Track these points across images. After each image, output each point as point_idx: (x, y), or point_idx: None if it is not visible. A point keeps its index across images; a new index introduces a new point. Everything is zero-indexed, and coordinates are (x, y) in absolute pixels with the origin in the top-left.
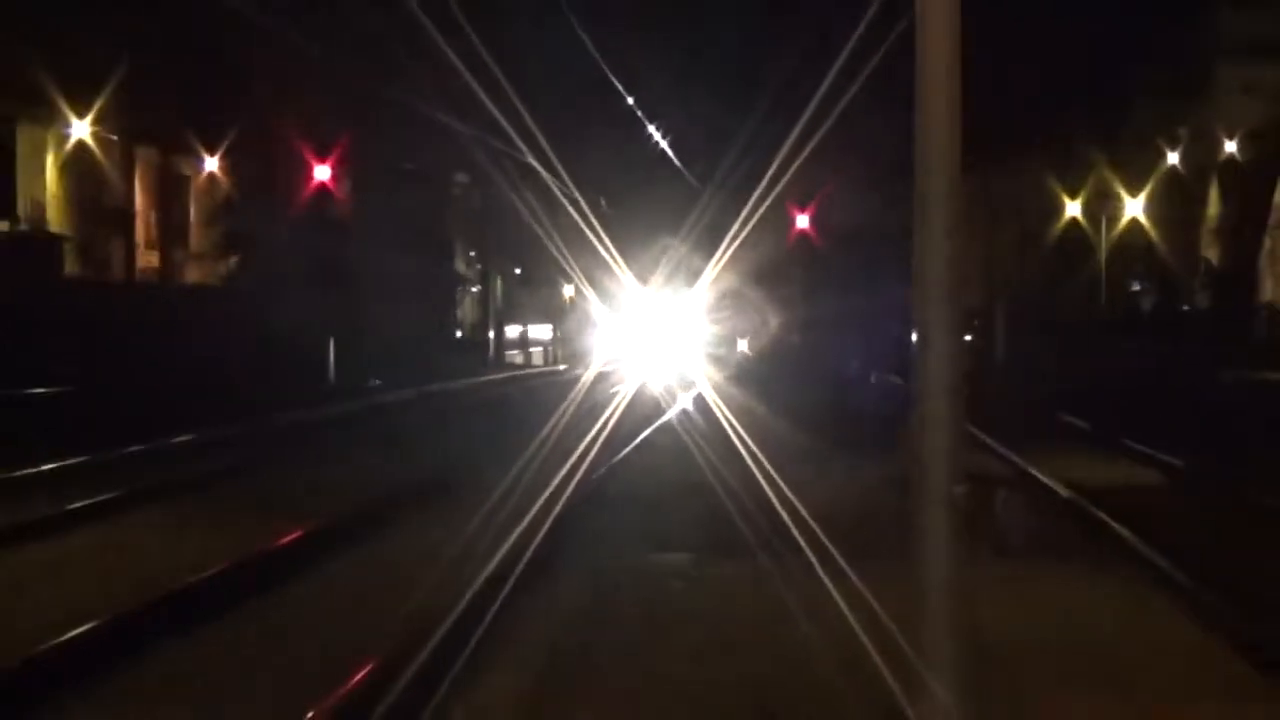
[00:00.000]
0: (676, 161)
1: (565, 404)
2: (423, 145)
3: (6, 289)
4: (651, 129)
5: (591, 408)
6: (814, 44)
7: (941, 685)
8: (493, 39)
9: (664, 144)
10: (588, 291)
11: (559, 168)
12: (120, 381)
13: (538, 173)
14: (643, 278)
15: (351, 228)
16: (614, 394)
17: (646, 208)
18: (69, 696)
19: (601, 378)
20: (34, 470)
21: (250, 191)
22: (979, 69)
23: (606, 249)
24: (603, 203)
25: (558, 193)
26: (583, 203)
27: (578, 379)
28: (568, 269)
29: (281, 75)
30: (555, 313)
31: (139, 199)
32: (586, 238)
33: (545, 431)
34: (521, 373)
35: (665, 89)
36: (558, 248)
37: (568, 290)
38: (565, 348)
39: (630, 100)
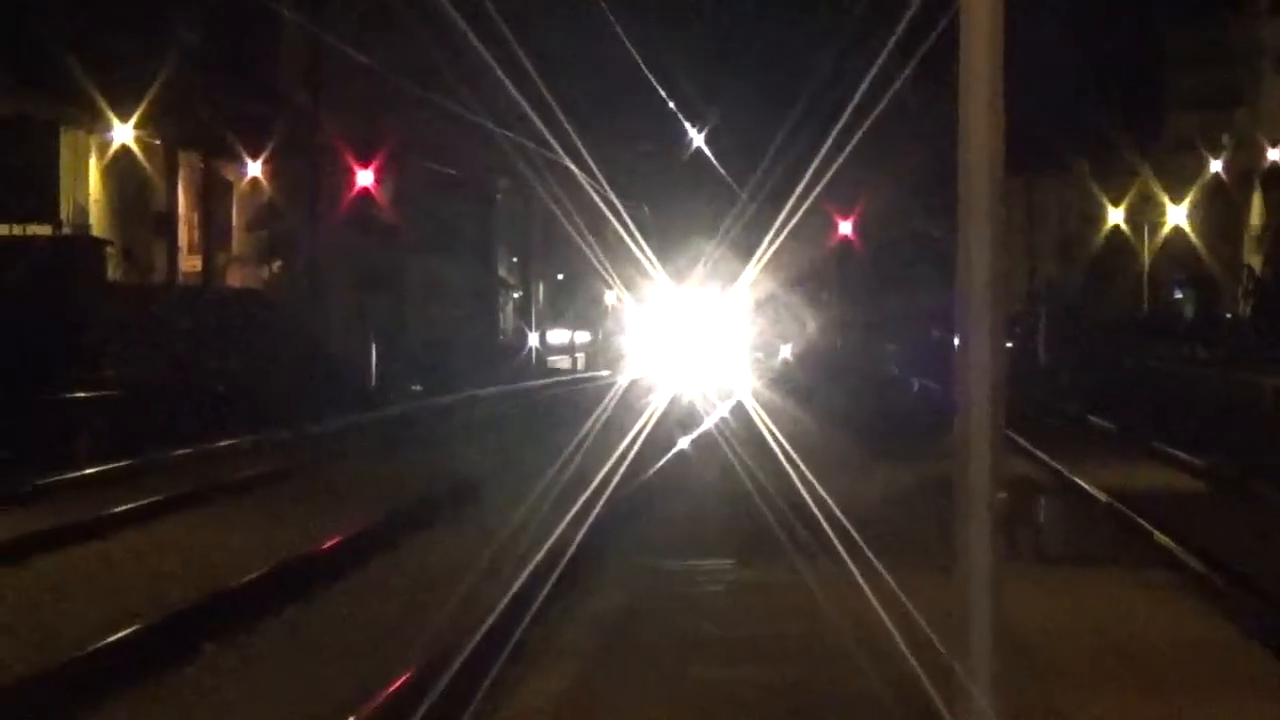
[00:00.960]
0: (715, 163)
1: (601, 412)
2: (465, 151)
3: (51, 292)
4: (691, 131)
5: (632, 420)
6: (855, 44)
7: (978, 682)
8: (533, 44)
9: (703, 145)
10: (628, 296)
11: (597, 172)
12: (163, 385)
13: (577, 178)
14: (683, 283)
15: (394, 233)
16: (654, 405)
17: (686, 211)
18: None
19: (643, 386)
20: (80, 474)
21: (293, 196)
22: (1022, 72)
23: (646, 254)
24: (646, 210)
25: (596, 198)
26: (620, 208)
27: (617, 386)
28: (607, 275)
29: (325, 81)
30: (597, 318)
31: (182, 203)
32: (626, 243)
33: (577, 449)
34: (563, 379)
35: (704, 89)
36: (597, 253)
37: (609, 296)
38: (606, 353)
39: (670, 103)
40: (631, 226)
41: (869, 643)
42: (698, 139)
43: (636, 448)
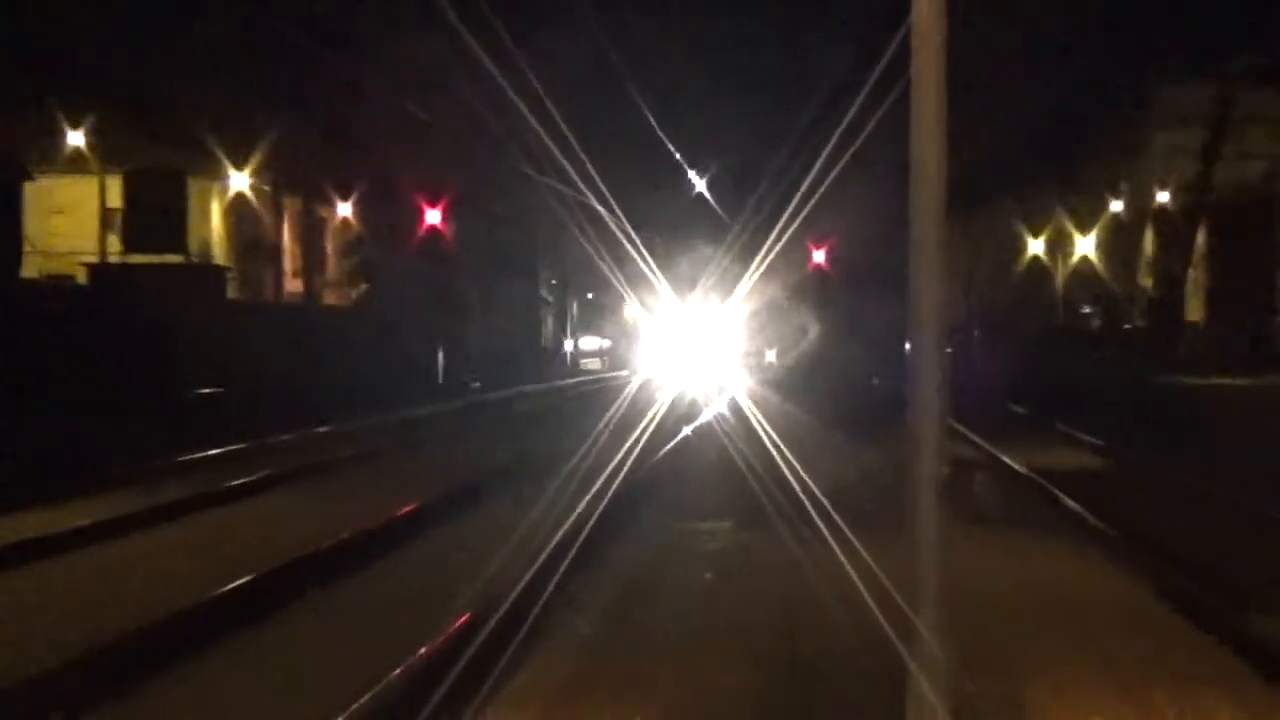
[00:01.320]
0: (711, 200)
1: (625, 400)
2: (513, 193)
3: (183, 309)
4: (691, 174)
5: (650, 400)
6: (828, 105)
7: (927, 623)
8: (566, 107)
9: (703, 189)
10: (643, 310)
11: (618, 209)
12: (272, 384)
13: (602, 215)
14: (686, 299)
15: (456, 260)
16: (669, 392)
17: (690, 239)
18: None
19: (657, 381)
20: (202, 455)
21: (376, 231)
22: (961, 129)
23: (657, 276)
24: (657, 239)
25: (618, 231)
26: (635, 236)
27: (633, 383)
28: (625, 294)
29: (400, 137)
30: (620, 328)
31: (286, 236)
32: (641, 266)
33: (611, 421)
34: (592, 377)
35: (705, 142)
36: (617, 276)
37: (629, 309)
38: (626, 356)
39: (677, 155)
40: (645, 253)
41: (834, 585)
42: (699, 184)
43: (650, 429)
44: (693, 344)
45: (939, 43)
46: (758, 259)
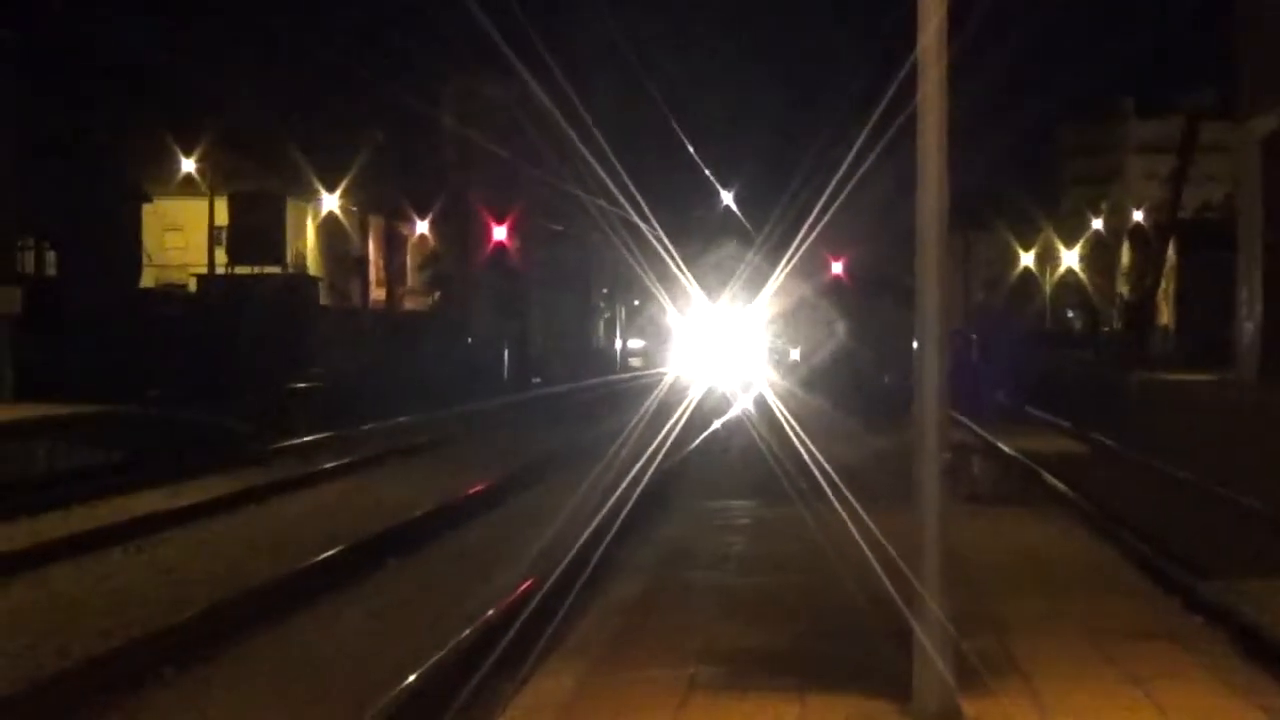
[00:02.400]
0: (738, 212)
1: (659, 393)
2: (569, 212)
3: (280, 314)
4: (722, 193)
5: (686, 393)
6: (843, 129)
7: (930, 587)
8: (610, 130)
9: (731, 204)
10: (680, 314)
11: (653, 220)
12: (357, 380)
13: (640, 227)
14: (717, 302)
15: (520, 272)
16: (702, 386)
17: (721, 249)
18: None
19: (693, 376)
20: (300, 441)
21: (449, 246)
22: (960, 158)
23: (689, 281)
24: (691, 250)
25: (653, 240)
26: (670, 247)
27: (671, 379)
28: (661, 300)
29: (471, 164)
30: (659, 330)
31: (371, 250)
32: (675, 274)
33: (648, 412)
34: (637, 374)
35: (734, 160)
36: (654, 283)
37: (669, 314)
38: (666, 355)
39: (708, 173)
40: (679, 262)
41: (845, 554)
42: (727, 198)
43: (686, 418)
44: (723, 344)
45: (940, 68)
46: (781, 266)
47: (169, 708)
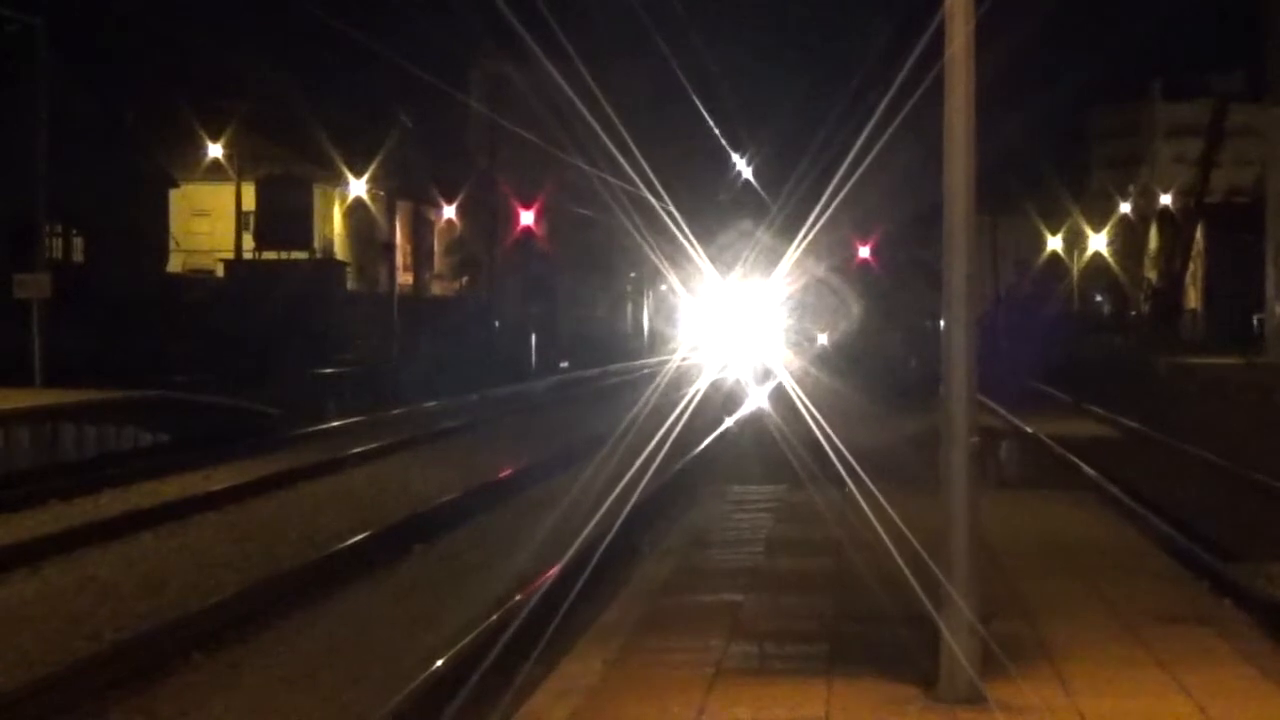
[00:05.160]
0: (758, 187)
1: (691, 376)
2: (596, 198)
3: (308, 299)
4: (735, 158)
5: (714, 375)
6: (868, 108)
7: (958, 573)
8: (634, 114)
9: (746, 172)
10: (706, 297)
11: (671, 205)
12: (384, 364)
13: (654, 206)
14: (740, 284)
15: (547, 256)
16: (729, 370)
17: (748, 240)
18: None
19: (719, 359)
20: (328, 426)
21: (477, 231)
22: (989, 140)
23: (702, 260)
24: (710, 229)
25: (673, 228)
26: (690, 233)
27: (701, 359)
28: (668, 280)
29: (499, 148)
30: (685, 315)
31: (398, 236)
32: (693, 254)
33: (679, 396)
34: (665, 357)
35: (751, 126)
36: (662, 263)
37: (693, 296)
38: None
39: (748, 175)
40: (694, 242)
41: (864, 538)
42: (746, 172)
43: (714, 401)
44: (748, 326)
45: (967, 44)
46: (799, 244)
47: (197, 692)
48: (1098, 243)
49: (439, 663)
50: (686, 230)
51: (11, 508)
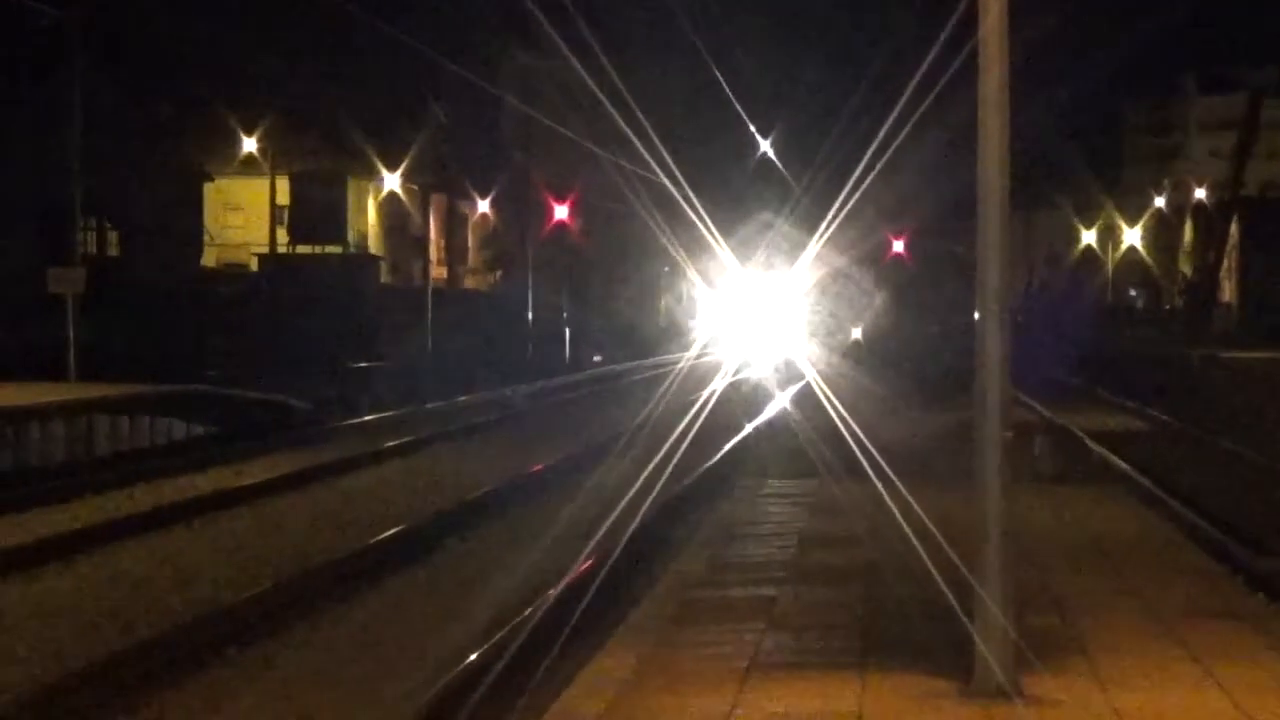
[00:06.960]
0: (779, 165)
1: (721, 372)
2: (629, 192)
3: (341, 293)
4: (758, 137)
5: (745, 370)
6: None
7: (991, 569)
8: (666, 110)
9: (768, 150)
10: (739, 295)
11: (692, 196)
12: (419, 358)
13: (688, 205)
14: (769, 278)
15: (581, 250)
16: (761, 364)
17: (763, 218)
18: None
19: (747, 355)
20: (365, 419)
21: (510, 225)
22: (1023, 136)
23: (743, 264)
24: (736, 223)
25: (698, 222)
26: (714, 227)
27: (732, 353)
28: (688, 274)
29: (532, 142)
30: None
31: (432, 230)
32: (719, 250)
33: (713, 393)
34: (704, 351)
35: (771, 114)
36: (681, 257)
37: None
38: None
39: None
40: (719, 238)
41: (890, 531)
42: (763, 143)
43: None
44: (779, 320)
45: (1000, 18)
46: (849, 254)
47: (230, 687)
48: (1132, 236)
49: (473, 656)
50: (711, 225)
51: (45, 501)
